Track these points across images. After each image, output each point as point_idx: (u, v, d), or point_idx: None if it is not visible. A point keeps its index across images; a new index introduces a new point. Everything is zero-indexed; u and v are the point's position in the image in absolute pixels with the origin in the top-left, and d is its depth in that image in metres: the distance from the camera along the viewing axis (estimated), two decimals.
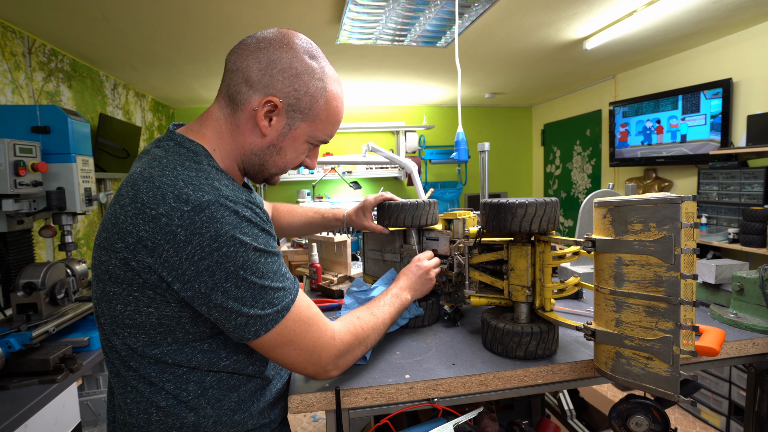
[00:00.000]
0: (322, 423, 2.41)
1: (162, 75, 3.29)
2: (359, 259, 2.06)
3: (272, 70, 0.64)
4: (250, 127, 0.66)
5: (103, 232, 0.60)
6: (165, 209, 0.55)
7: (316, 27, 2.39)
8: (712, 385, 2.18)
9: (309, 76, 0.66)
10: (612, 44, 2.87)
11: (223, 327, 0.60)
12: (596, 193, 1.43)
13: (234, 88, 0.65)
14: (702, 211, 2.78)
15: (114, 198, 0.60)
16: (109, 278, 0.59)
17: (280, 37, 0.65)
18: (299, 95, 0.66)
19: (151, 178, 0.57)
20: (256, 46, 0.64)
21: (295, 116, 0.67)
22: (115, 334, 0.62)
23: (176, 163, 0.60)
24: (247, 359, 0.68)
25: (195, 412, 0.63)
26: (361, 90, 4.07)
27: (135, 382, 0.63)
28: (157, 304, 0.59)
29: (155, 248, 0.55)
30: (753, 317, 1.00)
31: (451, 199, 4.68)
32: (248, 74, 0.64)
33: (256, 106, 0.64)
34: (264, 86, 0.64)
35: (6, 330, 1.11)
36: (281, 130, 0.67)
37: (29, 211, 1.38)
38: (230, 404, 0.66)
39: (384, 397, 0.78)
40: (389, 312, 0.84)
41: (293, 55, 0.65)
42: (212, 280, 0.56)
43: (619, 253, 0.71)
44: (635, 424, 0.79)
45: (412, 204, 1.10)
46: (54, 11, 2.07)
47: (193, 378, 0.63)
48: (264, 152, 0.68)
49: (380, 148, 1.99)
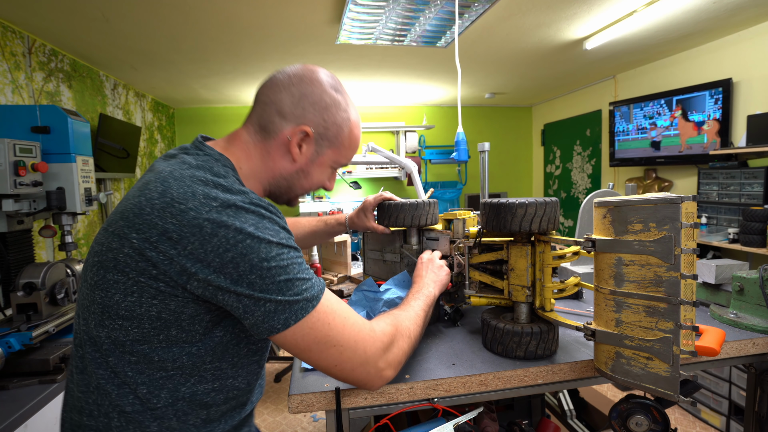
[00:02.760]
0: (322, 423, 2.41)
1: (162, 75, 3.29)
2: (359, 259, 2.06)
3: (304, 102, 0.71)
4: (282, 153, 0.72)
5: (120, 220, 0.60)
6: (194, 204, 0.57)
7: (316, 27, 2.39)
8: (712, 385, 2.18)
9: (336, 108, 0.74)
10: (612, 44, 2.87)
11: (251, 318, 0.59)
12: (596, 193, 1.43)
13: (266, 118, 0.71)
14: (702, 211, 2.78)
15: (138, 191, 0.61)
16: (115, 266, 0.59)
17: (308, 73, 0.73)
18: (327, 125, 0.73)
19: (182, 177, 0.60)
20: (288, 81, 0.71)
21: (323, 144, 0.74)
22: (101, 325, 0.60)
23: (206, 168, 0.64)
24: (230, 369, 0.66)
25: (159, 422, 0.61)
26: (361, 90, 4.07)
27: (103, 382, 0.60)
28: (163, 297, 0.58)
29: (180, 240, 0.56)
30: (753, 317, 1.00)
31: (451, 199, 4.68)
32: (281, 106, 0.71)
33: (290, 135, 0.71)
34: (296, 117, 0.71)
35: (6, 330, 1.11)
36: (310, 156, 0.74)
37: (29, 211, 1.38)
38: (196, 420, 0.64)
39: (384, 397, 0.78)
40: (420, 306, 0.83)
41: (322, 89, 0.72)
42: (237, 272, 0.57)
43: (619, 253, 0.71)
44: (635, 424, 0.79)
45: (412, 204, 1.10)
46: (54, 11, 2.07)
47: (168, 385, 0.62)
48: (293, 176, 0.75)
49: (380, 148, 1.99)
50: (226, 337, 0.65)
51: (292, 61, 3.05)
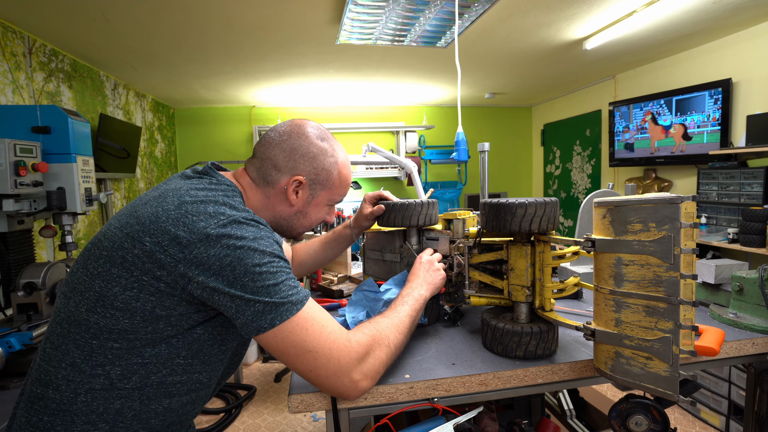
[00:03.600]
0: (322, 423, 2.41)
1: (162, 75, 3.29)
2: (359, 259, 2.07)
3: (295, 155, 0.81)
4: (281, 200, 0.83)
5: (136, 224, 0.66)
6: (205, 217, 0.66)
7: (316, 27, 2.39)
8: (711, 384, 2.19)
9: (323, 155, 0.84)
10: (612, 44, 2.87)
11: (242, 318, 0.65)
12: (596, 193, 1.43)
13: (264, 171, 0.82)
14: (702, 211, 2.78)
15: (155, 201, 0.69)
16: (122, 263, 0.65)
17: (295, 128, 0.83)
18: (317, 171, 0.83)
19: (197, 194, 0.70)
20: (279, 139, 0.82)
21: (316, 187, 0.85)
22: (92, 311, 0.65)
23: (218, 191, 0.73)
24: (199, 365, 0.72)
25: (122, 401, 0.66)
26: (361, 90, 4.08)
27: (79, 361, 0.65)
28: (161, 295, 0.65)
29: (189, 245, 0.64)
30: (752, 317, 1.00)
31: (451, 199, 4.68)
32: (276, 162, 0.81)
33: (286, 185, 0.82)
34: (290, 169, 0.81)
35: (6, 330, 1.11)
36: (306, 199, 0.85)
37: (30, 211, 1.38)
38: (157, 407, 0.69)
39: (384, 396, 0.78)
40: (406, 311, 0.84)
41: (309, 142, 0.83)
42: (233, 274, 0.64)
43: (618, 253, 0.71)
44: (635, 423, 0.80)
45: (412, 204, 1.10)
46: (54, 11, 2.07)
47: (140, 371, 0.66)
48: (292, 218, 0.86)
49: (380, 148, 1.99)
50: (204, 336, 0.71)
51: (292, 61, 3.06)
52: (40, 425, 0.65)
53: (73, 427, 0.65)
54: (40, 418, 0.65)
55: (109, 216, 3.12)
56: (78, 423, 0.65)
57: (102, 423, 0.65)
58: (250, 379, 2.92)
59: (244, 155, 4.68)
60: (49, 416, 0.65)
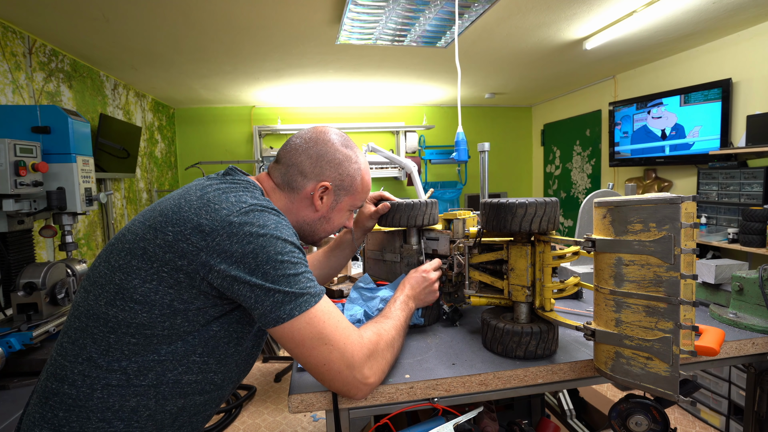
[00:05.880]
0: (322, 423, 2.41)
1: (162, 75, 3.29)
2: (359, 259, 2.07)
3: (321, 162, 0.84)
4: (306, 205, 0.85)
5: (159, 216, 0.68)
6: (227, 205, 0.68)
7: (316, 27, 2.39)
8: (711, 384, 2.19)
9: (348, 162, 0.86)
10: (612, 44, 2.87)
11: (261, 308, 0.65)
12: (596, 193, 1.43)
13: (290, 177, 0.84)
14: (702, 211, 2.78)
15: (178, 195, 0.71)
16: (143, 254, 0.65)
17: (321, 135, 0.85)
18: (342, 177, 0.86)
19: (219, 189, 0.72)
20: (305, 145, 0.84)
21: (341, 193, 0.87)
22: (112, 305, 0.65)
23: (240, 188, 0.74)
24: (214, 365, 0.72)
25: (138, 399, 0.66)
26: (361, 90, 4.08)
27: (96, 356, 0.64)
28: (179, 287, 0.65)
29: (211, 233, 0.64)
30: (752, 317, 1.00)
31: (451, 199, 4.68)
32: (302, 168, 0.83)
33: (312, 191, 0.84)
34: (316, 175, 0.83)
35: (6, 330, 1.11)
36: (330, 204, 0.87)
37: (29, 211, 1.38)
38: (171, 408, 0.69)
39: (384, 396, 0.78)
40: (403, 317, 0.86)
41: (335, 149, 0.85)
42: (255, 261, 0.64)
43: (618, 253, 0.71)
44: (635, 423, 0.79)
45: (417, 204, 1.10)
46: (54, 11, 2.07)
47: (157, 368, 0.66)
48: (315, 223, 0.88)
49: (380, 148, 1.99)
50: (221, 333, 0.70)
51: (292, 61, 3.06)
52: (55, 421, 0.64)
53: (89, 424, 0.64)
54: (55, 413, 0.64)
55: (110, 216, 3.12)
56: (93, 420, 0.64)
57: (117, 421, 0.65)
58: (250, 379, 2.92)
59: (244, 155, 4.68)
60: (65, 412, 0.64)
